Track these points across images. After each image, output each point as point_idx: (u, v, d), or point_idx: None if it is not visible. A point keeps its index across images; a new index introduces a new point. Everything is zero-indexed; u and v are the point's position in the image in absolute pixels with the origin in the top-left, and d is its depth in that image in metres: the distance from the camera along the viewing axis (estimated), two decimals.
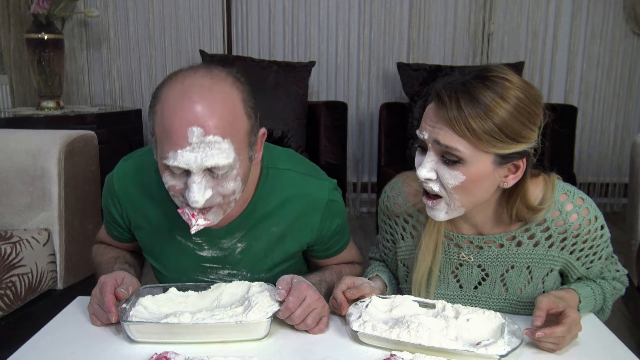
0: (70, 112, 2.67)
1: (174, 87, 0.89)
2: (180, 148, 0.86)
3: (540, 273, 1.04)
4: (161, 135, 0.89)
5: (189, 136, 0.86)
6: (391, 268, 1.20)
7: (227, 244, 1.09)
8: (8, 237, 1.64)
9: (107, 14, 3.38)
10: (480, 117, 0.87)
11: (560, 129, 2.88)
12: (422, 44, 3.40)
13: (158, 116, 0.90)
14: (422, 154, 0.95)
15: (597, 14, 3.40)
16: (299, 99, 2.94)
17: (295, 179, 1.08)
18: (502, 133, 0.88)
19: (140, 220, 1.10)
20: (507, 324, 0.93)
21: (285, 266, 1.13)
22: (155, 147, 0.93)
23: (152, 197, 1.07)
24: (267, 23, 3.41)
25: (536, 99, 0.91)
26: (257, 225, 1.08)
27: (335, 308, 1.02)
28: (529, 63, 3.43)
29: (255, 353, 0.88)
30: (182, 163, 0.86)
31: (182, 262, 1.12)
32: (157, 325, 0.90)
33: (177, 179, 0.91)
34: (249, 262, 1.11)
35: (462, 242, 1.06)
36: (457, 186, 0.91)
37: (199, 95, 0.87)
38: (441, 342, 0.87)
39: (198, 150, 0.86)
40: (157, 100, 0.91)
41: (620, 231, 2.26)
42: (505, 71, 0.91)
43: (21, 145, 1.78)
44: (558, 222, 1.00)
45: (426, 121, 0.92)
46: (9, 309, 1.59)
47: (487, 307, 1.05)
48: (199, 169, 0.87)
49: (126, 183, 1.09)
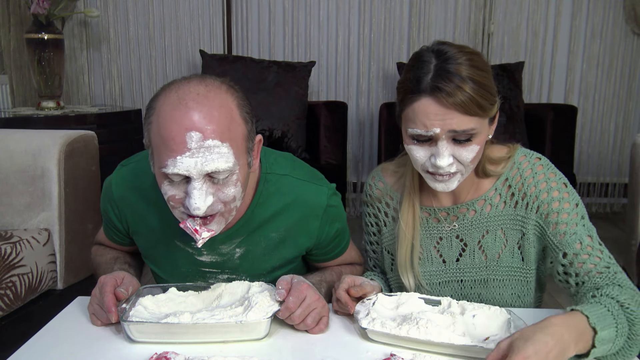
0: (70, 112, 2.67)
1: (169, 96, 0.89)
2: (180, 154, 0.86)
3: (514, 236, 1.07)
4: (158, 144, 0.89)
5: (188, 141, 0.86)
6: (381, 267, 1.22)
7: (226, 249, 1.09)
8: (8, 237, 1.64)
9: (107, 14, 3.38)
10: (477, 90, 0.92)
11: (560, 129, 2.89)
12: (422, 44, 3.37)
13: (154, 126, 0.90)
14: (423, 146, 0.97)
15: (597, 14, 3.40)
16: (299, 99, 2.94)
17: (294, 184, 1.08)
18: (488, 93, 0.95)
19: (138, 226, 1.11)
20: (512, 319, 0.94)
21: (285, 270, 1.13)
22: (152, 158, 0.93)
23: (150, 203, 1.07)
24: (267, 23, 3.41)
25: (475, 49, 0.99)
26: (256, 231, 1.08)
27: (341, 307, 1.02)
28: (529, 63, 3.43)
29: (255, 353, 0.88)
30: (182, 169, 0.86)
31: (182, 266, 1.12)
32: (157, 325, 0.90)
33: (177, 188, 0.90)
34: (248, 267, 1.11)
35: (440, 215, 1.10)
36: (474, 157, 0.97)
37: (194, 101, 0.88)
38: (450, 337, 0.88)
39: (197, 155, 0.86)
40: (152, 111, 0.91)
41: (620, 231, 2.27)
42: (446, 45, 0.97)
43: (21, 145, 1.78)
44: (516, 179, 1.06)
45: (428, 117, 0.93)
46: (9, 309, 1.59)
47: (471, 278, 1.10)
48: (199, 174, 0.87)
49: (124, 189, 1.09)
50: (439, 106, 0.92)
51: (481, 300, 1.09)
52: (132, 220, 1.11)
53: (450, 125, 0.93)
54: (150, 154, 0.94)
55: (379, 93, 3.48)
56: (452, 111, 0.92)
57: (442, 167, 0.95)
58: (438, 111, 0.92)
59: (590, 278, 0.98)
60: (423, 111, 0.93)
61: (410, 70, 0.98)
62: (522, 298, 1.09)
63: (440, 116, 0.92)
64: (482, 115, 0.94)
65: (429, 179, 1.01)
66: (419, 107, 0.94)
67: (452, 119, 0.92)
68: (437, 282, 1.11)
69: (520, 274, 1.08)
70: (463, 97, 0.91)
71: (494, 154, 1.07)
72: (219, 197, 0.91)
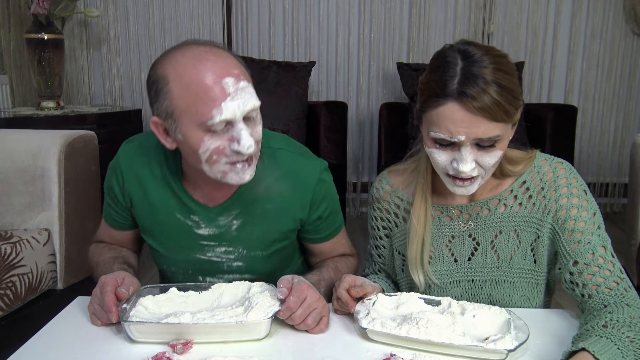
0: (70, 112, 2.66)
1: (182, 60, 0.93)
2: (222, 101, 0.91)
3: (528, 238, 1.05)
4: (190, 104, 0.92)
5: (226, 87, 0.91)
6: (389, 271, 1.21)
7: (223, 221, 1.12)
8: (8, 237, 1.64)
9: (107, 14, 3.38)
10: (504, 96, 0.90)
11: (560, 129, 2.89)
12: (422, 44, 3.41)
13: (175, 93, 0.93)
14: (446, 150, 0.96)
15: (597, 14, 3.40)
16: (299, 99, 2.94)
17: (288, 157, 1.12)
18: (514, 98, 0.92)
19: (141, 198, 1.13)
20: (512, 319, 0.94)
21: (281, 245, 1.16)
22: (177, 126, 0.95)
23: (154, 178, 1.11)
24: (267, 23, 3.41)
25: (502, 51, 0.96)
26: (252, 203, 1.11)
27: (341, 307, 1.02)
28: (529, 63, 3.43)
29: (255, 353, 0.88)
30: (229, 114, 0.91)
31: (181, 240, 1.14)
32: (158, 325, 0.90)
33: (219, 137, 0.94)
34: (245, 239, 1.13)
35: (452, 213, 1.09)
36: (495, 162, 0.96)
37: (212, 54, 0.94)
38: (450, 337, 0.87)
39: (237, 98, 0.92)
40: (164, 81, 0.94)
41: (620, 231, 2.27)
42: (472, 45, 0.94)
43: (21, 145, 1.78)
44: (535, 182, 1.05)
45: (454, 123, 0.91)
46: (9, 309, 1.59)
47: (482, 278, 1.08)
48: (241, 115, 0.93)
49: (131, 162, 1.13)
50: (465, 112, 0.89)
51: (490, 301, 1.07)
52: (135, 192, 1.13)
53: (476, 134, 0.91)
54: (172, 122, 0.95)
55: (379, 93, 3.48)
56: (478, 118, 0.89)
57: (465, 173, 0.94)
58: (464, 117, 0.90)
59: (599, 293, 0.96)
60: (449, 117, 0.91)
61: (435, 71, 0.94)
62: (531, 300, 1.07)
63: (466, 123, 0.90)
64: (507, 120, 0.92)
65: (449, 183, 0.99)
66: (444, 112, 0.91)
67: (478, 128, 0.90)
68: (448, 281, 1.09)
69: (531, 276, 1.06)
70: (490, 102, 0.89)
71: (513, 155, 1.06)
72: (253, 136, 0.96)
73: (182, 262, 1.17)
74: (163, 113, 0.95)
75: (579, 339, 0.87)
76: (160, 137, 1.00)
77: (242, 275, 1.17)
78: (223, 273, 1.17)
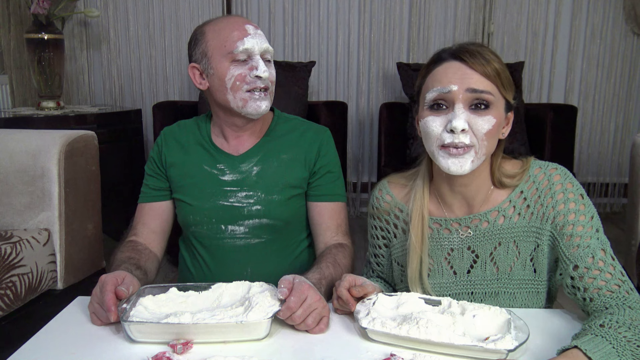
0: (70, 112, 2.67)
1: (215, 19, 1.27)
2: (245, 37, 1.21)
3: (527, 248, 1.05)
4: (221, 42, 1.21)
5: (248, 30, 1.22)
6: (388, 279, 1.21)
7: (245, 167, 1.31)
8: (8, 237, 1.64)
9: (107, 14, 3.38)
10: (498, 62, 0.98)
11: (560, 129, 2.89)
12: (422, 44, 3.41)
13: (209, 39, 1.23)
14: (440, 115, 0.98)
15: (597, 14, 3.41)
16: (299, 99, 2.94)
17: (301, 122, 1.39)
18: (507, 73, 0.99)
19: (175, 158, 1.35)
20: (512, 319, 0.94)
21: (294, 193, 1.31)
22: (209, 62, 1.23)
23: (189, 142, 1.35)
24: (267, 23, 3.41)
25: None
26: (270, 152, 1.32)
27: (341, 306, 1.02)
28: (529, 63, 3.43)
29: (255, 353, 0.88)
30: (249, 45, 1.21)
31: (207, 188, 1.30)
32: (158, 325, 0.90)
33: (242, 66, 1.21)
34: (263, 184, 1.30)
35: (451, 226, 1.09)
36: (489, 131, 0.97)
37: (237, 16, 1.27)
38: (450, 337, 0.87)
39: (256, 38, 1.22)
40: (201, 36, 1.24)
41: (620, 231, 2.27)
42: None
43: (21, 145, 1.78)
44: (532, 191, 1.05)
45: (447, 75, 0.97)
46: (9, 309, 1.59)
47: (482, 290, 1.08)
48: (259, 51, 1.22)
49: (170, 132, 1.39)
50: (461, 64, 0.97)
51: None
52: (171, 154, 1.35)
53: (469, 84, 0.95)
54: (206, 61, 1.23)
55: (379, 93, 3.49)
56: (472, 71, 0.96)
57: (457, 129, 0.94)
58: (458, 70, 0.97)
59: (600, 296, 0.96)
60: (443, 72, 0.98)
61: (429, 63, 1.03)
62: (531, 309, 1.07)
63: (459, 74, 0.96)
64: (500, 87, 0.98)
65: (443, 157, 0.98)
66: (438, 71, 0.99)
67: (470, 78, 0.96)
68: (447, 294, 1.09)
69: (531, 285, 1.06)
70: (484, 60, 0.96)
71: (508, 168, 1.07)
72: (270, 72, 1.24)
73: (207, 210, 1.30)
74: (199, 56, 1.24)
75: (575, 337, 0.87)
76: (196, 81, 1.27)
77: (261, 220, 1.29)
78: (244, 219, 1.29)
